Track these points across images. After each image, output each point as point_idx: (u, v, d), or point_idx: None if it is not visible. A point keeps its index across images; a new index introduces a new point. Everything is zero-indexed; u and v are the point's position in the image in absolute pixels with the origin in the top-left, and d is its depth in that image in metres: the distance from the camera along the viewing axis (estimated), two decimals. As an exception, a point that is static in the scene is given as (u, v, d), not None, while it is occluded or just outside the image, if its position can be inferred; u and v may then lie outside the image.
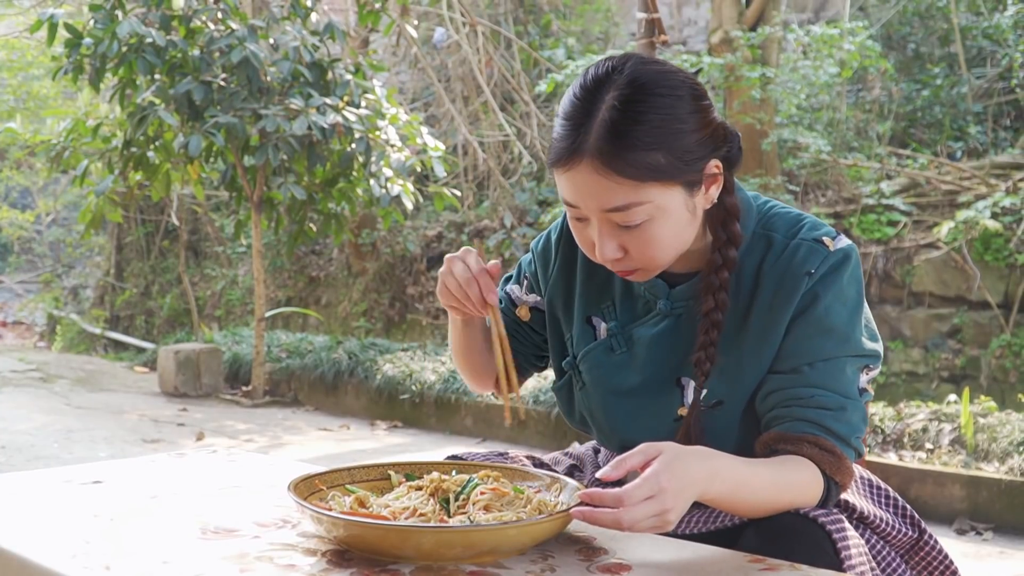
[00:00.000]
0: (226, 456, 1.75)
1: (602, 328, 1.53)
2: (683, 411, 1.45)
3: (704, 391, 1.43)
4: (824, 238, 1.40)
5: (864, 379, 1.40)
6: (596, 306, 1.54)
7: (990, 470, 4.20)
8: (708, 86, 8.60)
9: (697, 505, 1.34)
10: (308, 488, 1.32)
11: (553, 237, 1.62)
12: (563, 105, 1.35)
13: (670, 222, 1.34)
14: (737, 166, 1.43)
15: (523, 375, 1.70)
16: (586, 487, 1.32)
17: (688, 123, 1.32)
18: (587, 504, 1.18)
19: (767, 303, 1.40)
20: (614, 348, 1.51)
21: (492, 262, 1.46)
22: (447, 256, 1.47)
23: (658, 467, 1.18)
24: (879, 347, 1.41)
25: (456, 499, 1.27)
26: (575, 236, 1.41)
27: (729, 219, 1.42)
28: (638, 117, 1.29)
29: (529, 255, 1.67)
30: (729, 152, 1.40)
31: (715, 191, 1.39)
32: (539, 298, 1.64)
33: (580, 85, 1.34)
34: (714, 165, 1.37)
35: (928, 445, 4.53)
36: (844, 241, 1.41)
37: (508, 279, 1.70)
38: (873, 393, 1.43)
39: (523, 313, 1.63)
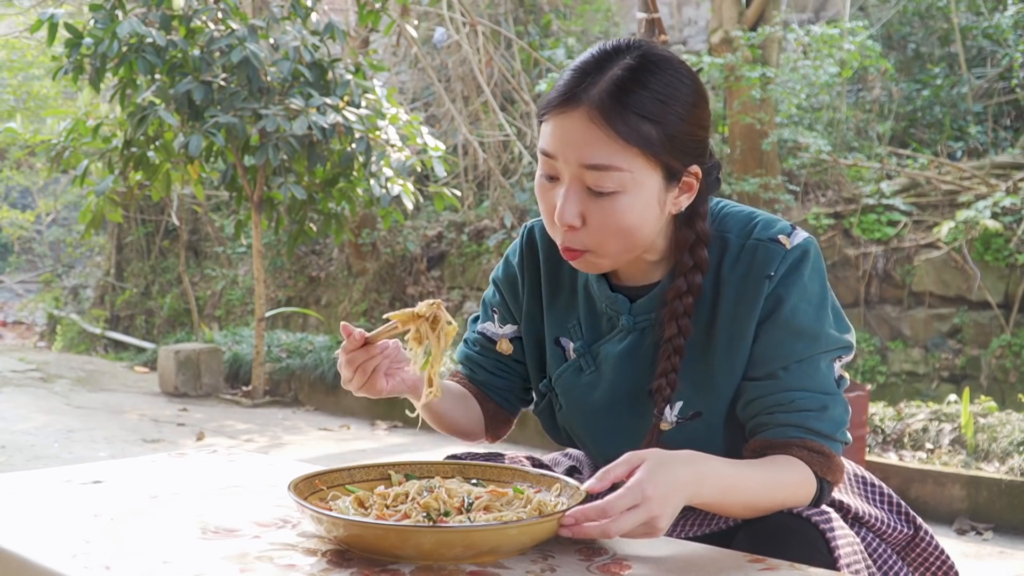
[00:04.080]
0: (226, 456, 1.75)
1: (571, 348, 1.51)
2: (665, 426, 1.43)
3: (680, 403, 1.42)
4: (780, 236, 1.38)
5: (838, 367, 1.39)
6: (563, 326, 1.53)
7: (990, 470, 4.20)
8: (708, 86, 8.60)
9: (690, 508, 1.34)
10: (308, 488, 1.32)
11: (514, 261, 1.59)
12: (577, 59, 1.37)
13: (639, 203, 1.32)
14: (712, 193, 1.42)
15: (512, 415, 1.68)
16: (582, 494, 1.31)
17: (686, 111, 1.33)
18: (572, 524, 1.17)
19: (731, 311, 1.38)
20: (583, 368, 1.49)
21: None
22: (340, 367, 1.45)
23: (641, 475, 1.18)
24: (850, 335, 1.40)
25: (446, 513, 1.26)
26: (539, 199, 1.38)
27: (698, 244, 1.40)
28: (646, 84, 1.31)
29: (491, 289, 1.64)
30: (708, 176, 1.39)
31: (686, 200, 1.38)
32: (515, 327, 1.61)
33: (597, 48, 1.36)
34: (695, 172, 1.36)
35: (928, 445, 4.53)
36: (800, 235, 1.39)
37: (476, 319, 1.66)
38: (848, 377, 1.43)
39: (505, 347, 1.60)
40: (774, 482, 1.31)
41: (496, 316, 1.62)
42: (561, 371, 1.52)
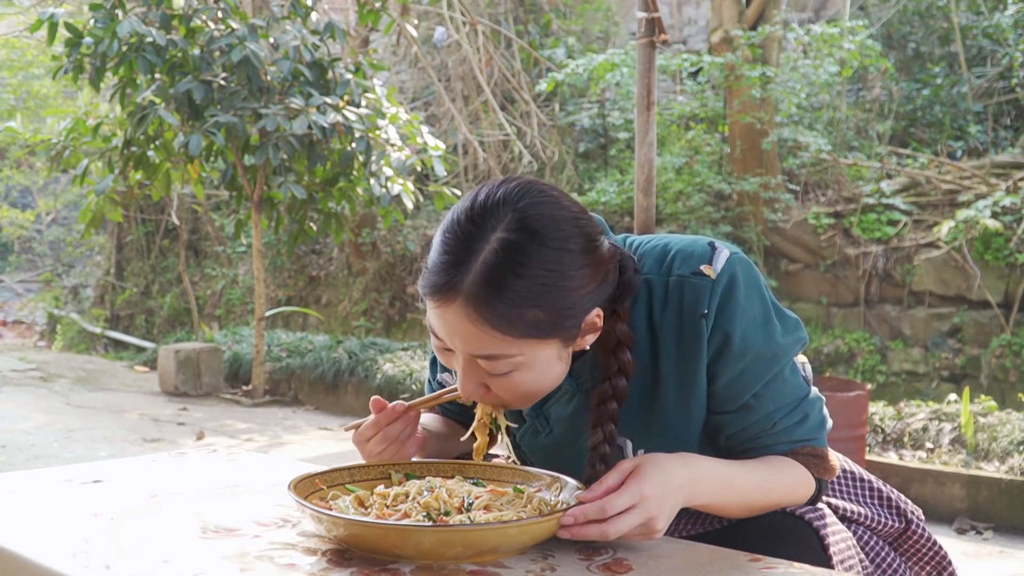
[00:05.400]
0: (226, 455, 1.75)
1: (524, 410, 1.48)
2: None
3: (641, 451, 1.40)
4: (702, 267, 1.31)
5: (799, 362, 1.38)
6: None
7: (990, 469, 4.20)
8: (708, 85, 8.60)
9: (686, 508, 1.34)
10: (308, 487, 1.31)
11: None
12: (445, 229, 1.25)
13: (539, 371, 1.27)
14: (632, 291, 1.33)
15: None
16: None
17: (574, 280, 1.23)
18: (572, 524, 1.17)
19: (673, 353, 1.33)
20: (539, 430, 1.47)
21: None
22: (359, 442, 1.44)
23: (638, 476, 1.19)
24: (800, 331, 1.36)
25: (446, 513, 1.26)
26: (442, 361, 1.34)
27: (620, 348, 1.32)
28: (520, 270, 1.19)
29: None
30: (622, 280, 1.31)
31: (592, 336, 1.31)
32: None
33: (466, 213, 1.23)
34: (596, 315, 1.28)
35: (928, 444, 4.53)
36: (722, 257, 1.32)
37: (434, 362, 1.62)
38: (807, 362, 1.42)
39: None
40: (770, 482, 1.32)
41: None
42: (522, 433, 1.50)
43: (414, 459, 1.46)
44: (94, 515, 1.34)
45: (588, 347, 1.33)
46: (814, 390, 1.38)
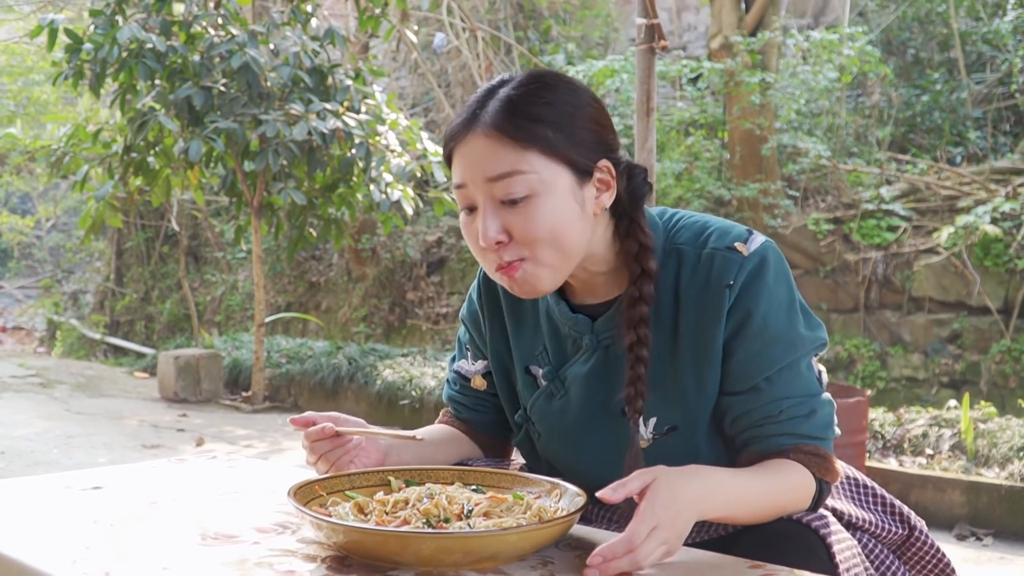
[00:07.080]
0: (226, 462, 1.75)
1: (540, 375, 1.50)
2: (642, 443, 1.41)
3: (653, 419, 1.40)
4: (736, 244, 1.36)
5: (816, 365, 1.39)
6: (531, 354, 1.52)
7: (990, 475, 4.20)
8: (708, 91, 8.61)
9: None
10: (308, 494, 1.31)
11: (474, 296, 1.60)
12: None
13: (554, 203, 1.31)
14: (644, 200, 1.41)
15: (509, 441, 1.65)
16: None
17: (584, 111, 1.35)
18: (600, 563, 1.14)
19: (693, 322, 1.36)
20: (554, 393, 1.48)
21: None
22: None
23: (651, 497, 1.18)
24: (822, 331, 1.38)
25: (446, 520, 1.26)
26: (465, 234, 1.38)
27: (643, 253, 1.37)
28: (537, 95, 1.34)
29: (461, 327, 1.64)
30: (632, 184, 1.40)
31: (608, 198, 1.37)
32: (486, 362, 1.60)
33: (486, 83, 1.40)
34: (606, 166, 1.36)
35: (928, 450, 4.53)
36: (758, 240, 1.36)
37: (454, 359, 1.66)
38: (825, 371, 1.42)
39: (479, 384, 1.61)
40: (776, 488, 1.32)
41: (469, 353, 1.63)
42: (534, 399, 1.51)
43: (413, 467, 1.46)
44: (94, 521, 1.34)
45: (608, 207, 1.38)
46: (827, 395, 1.39)
